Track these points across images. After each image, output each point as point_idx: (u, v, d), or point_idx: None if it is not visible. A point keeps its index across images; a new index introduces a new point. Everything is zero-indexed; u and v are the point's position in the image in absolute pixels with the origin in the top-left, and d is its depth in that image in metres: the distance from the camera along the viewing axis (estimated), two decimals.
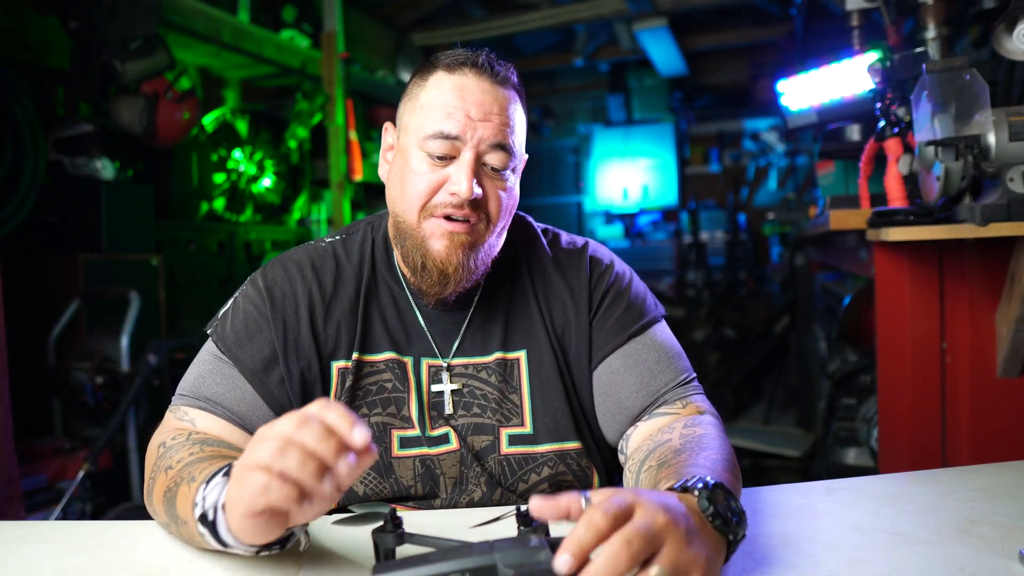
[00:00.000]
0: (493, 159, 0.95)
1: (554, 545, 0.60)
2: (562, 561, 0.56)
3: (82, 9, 2.94)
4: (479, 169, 0.94)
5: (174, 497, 0.77)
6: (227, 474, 0.69)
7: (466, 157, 0.93)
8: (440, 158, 0.94)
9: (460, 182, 0.92)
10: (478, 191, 0.93)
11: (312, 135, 4.59)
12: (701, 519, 0.66)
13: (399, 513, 0.72)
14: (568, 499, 0.62)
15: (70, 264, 2.89)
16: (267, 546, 0.69)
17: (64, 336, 2.85)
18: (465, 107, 0.93)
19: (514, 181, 0.99)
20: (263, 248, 4.17)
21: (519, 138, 0.98)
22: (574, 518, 0.60)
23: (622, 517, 0.59)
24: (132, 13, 2.99)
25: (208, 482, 0.70)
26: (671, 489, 0.71)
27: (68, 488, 2.40)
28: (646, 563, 0.59)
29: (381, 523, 0.71)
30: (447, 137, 0.93)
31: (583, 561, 0.57)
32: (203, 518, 0.68)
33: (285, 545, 0.71)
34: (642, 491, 0.64)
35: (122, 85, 3.14)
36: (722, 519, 0.67)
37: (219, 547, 0.69)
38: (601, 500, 0.60)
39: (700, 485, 0.69)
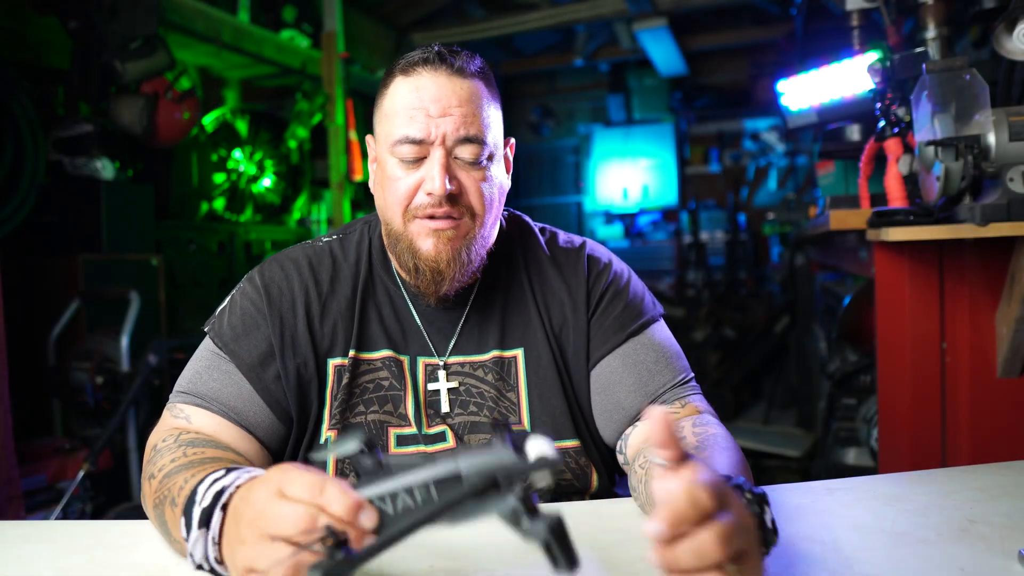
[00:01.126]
0: (464, 152, 0.94)
1: (517, 443, 0.57)
2: (655, 529, 0.52)
3: (82, 9, 2.94)
4: (451, 164, 0.94)
5: (162, 515, 0.77)
6: (202, 524, 0.67)
7: (435, 155, 0.93)
8: (412, 161, 0.94)
9: (432, 180, 0.92)
10: (451, 186, 0.93)
11: (312, 135, 4.59)
12: None
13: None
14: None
15: (70, 264, 2.89)
16: None
17: (64, 336, 2.85)
18: (424, 106, 0.93)
19: (495, 169, 0.99)
20: (263, 248, 4.17)
21: (491, 125, 0.97)
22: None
23: (720, 504, 0.55)
24: (132, 13, 2.99)
25: (188, 530, 0.69)
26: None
27: (68, 488, 2.40)
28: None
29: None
30: (412, 141, 0.93)
31: (675, 536, 0.52)
32: (199, 567, 0.68)
33: None
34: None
35: (122, 85, 3.14)
36: (764, 531, 0.64)
37: None
38: (696, 476, 0.54)
39: (748, 489, 0.65)
